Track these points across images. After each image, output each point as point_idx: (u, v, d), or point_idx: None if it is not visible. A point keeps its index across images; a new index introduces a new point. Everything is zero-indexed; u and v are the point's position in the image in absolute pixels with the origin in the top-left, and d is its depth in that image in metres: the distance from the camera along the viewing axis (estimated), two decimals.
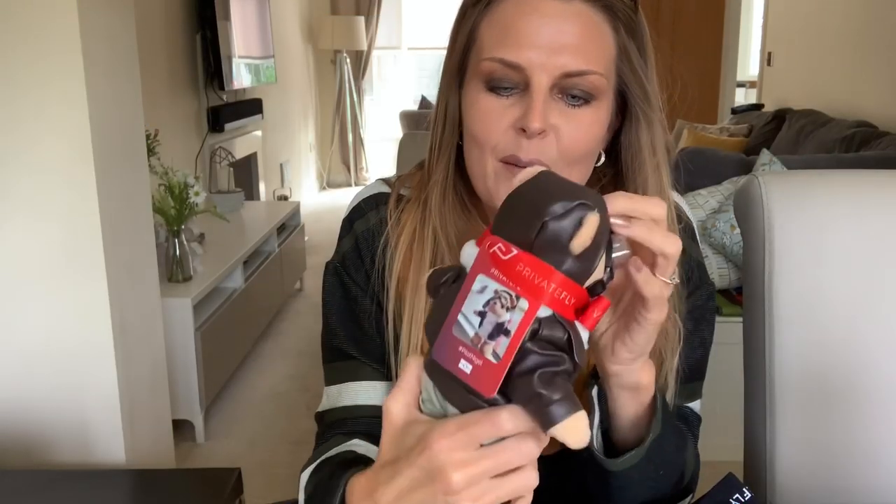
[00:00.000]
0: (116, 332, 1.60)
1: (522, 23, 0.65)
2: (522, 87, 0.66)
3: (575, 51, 0.65)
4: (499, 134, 0.68)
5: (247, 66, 4.08)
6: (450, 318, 0.48)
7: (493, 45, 0.66)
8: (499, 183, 0.69)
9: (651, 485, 0.68)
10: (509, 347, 0.45)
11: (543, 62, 0.64)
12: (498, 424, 0.46)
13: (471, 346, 0.46)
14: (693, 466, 0.74)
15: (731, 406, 1.13)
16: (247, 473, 1.42)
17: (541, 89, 0.65)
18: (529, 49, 0.65)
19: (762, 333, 0.92)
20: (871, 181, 0.94)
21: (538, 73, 0.65)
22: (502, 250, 0.46)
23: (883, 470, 0.91)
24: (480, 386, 0.46)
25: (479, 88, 0.68)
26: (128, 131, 1.68)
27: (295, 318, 3.55)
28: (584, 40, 0.65)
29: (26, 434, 1.61)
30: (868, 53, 3.86)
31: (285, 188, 5.09)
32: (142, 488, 1.43)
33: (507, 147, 0.68)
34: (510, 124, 0.67)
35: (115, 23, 1.60)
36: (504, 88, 0.67)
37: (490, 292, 0.46)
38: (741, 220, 0.94)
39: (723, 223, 2.34)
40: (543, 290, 0.45)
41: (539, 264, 0.45)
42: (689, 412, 0.79)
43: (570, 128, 0.67)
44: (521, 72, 0.65)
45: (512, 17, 0.66)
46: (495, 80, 0.67)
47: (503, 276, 0.46)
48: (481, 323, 0.46)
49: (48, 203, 1.51)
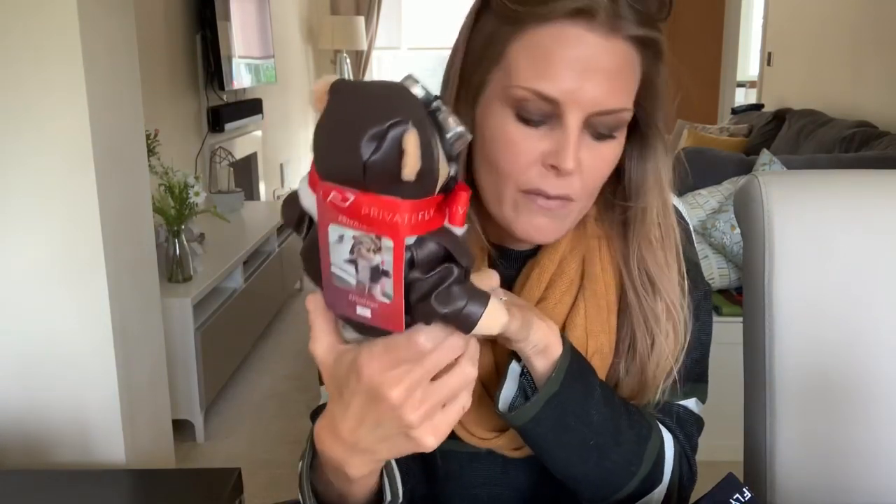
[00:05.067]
0: (116, 332, 1.60)
1: (561, 55, 0.62)
2: (553, 119, 0.64)
3: (610, 89, 0.63)
4: (525, 166, 0.66)
5: (247, 66, 4.08)
6: (325, 273, 0.47)
7: (528, 75, 0.63)
8: (519, 213, 0.68)
9: (579, 453, 0.69)
10: (395, 286, 0.45)
11: (579, 98, 0.62)
12: (418, 346, 0.47)
13: (359, 293, 0.46)
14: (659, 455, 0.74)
15: (731, 406, 1.13)
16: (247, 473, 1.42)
17: (575, 127, 0.63)
18: (567, 83, 0.62)
19: (762, 333, 0.92)
20: (871, 181, 0.94)
21: (573, 109, 0.63)
22: (339, 198, 0.44)
23: (883, 470, 0.91)
24: (388, 325, 0.46)
25: (506, 115, 0.65)
26: (128, 132, 1.68)
27: (295, 318, 3.55)
28: (618, 78, 0.64)
29: (26, 434, 1.61)
30: (868, 53, 3.86)
31: (285, 188, 5.09)
32: (142, 488, 1.43)
33: (532, 180, 0.66)
34: (538, 158, 0.65)
35: (114, 24, 1.60)
36: (535, 120, 0.64)
37: (349, 240, 0.45)
38: (741, 220, 0.94)
39: (723, 223, 2.34)
40: (398, 224, 0.43)
41: (382, 202, 0.43)
42: (681, 410, 0.79)
43: (594, 162, 0.66)
44: (555, 105, 0.63)
45: (550, 47, 0.62)
46: (527, 110, 0.64)
47: (354, 222, 0.44)
48: (357, 269, 0.45)
49: (48, 203, 1.51)
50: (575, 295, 0.74)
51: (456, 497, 0.80)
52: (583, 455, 0.69)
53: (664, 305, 0.73)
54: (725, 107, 5.47)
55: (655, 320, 0.73)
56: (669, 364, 0.73)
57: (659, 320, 0.73)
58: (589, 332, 0.74)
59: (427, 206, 0.44)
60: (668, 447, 0.75)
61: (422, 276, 0.45)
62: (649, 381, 0.74)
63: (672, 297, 0.74)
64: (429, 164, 0.42)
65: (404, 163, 0.41)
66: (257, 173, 4.62)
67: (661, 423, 0.77)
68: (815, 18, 4.52)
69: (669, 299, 0.73)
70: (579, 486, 0.72)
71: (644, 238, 0.73)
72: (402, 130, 0.41)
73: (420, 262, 0.45)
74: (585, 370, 0.69)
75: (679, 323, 0.74)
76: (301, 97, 5.89)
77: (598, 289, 0.74)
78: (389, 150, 0.41)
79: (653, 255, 0.73)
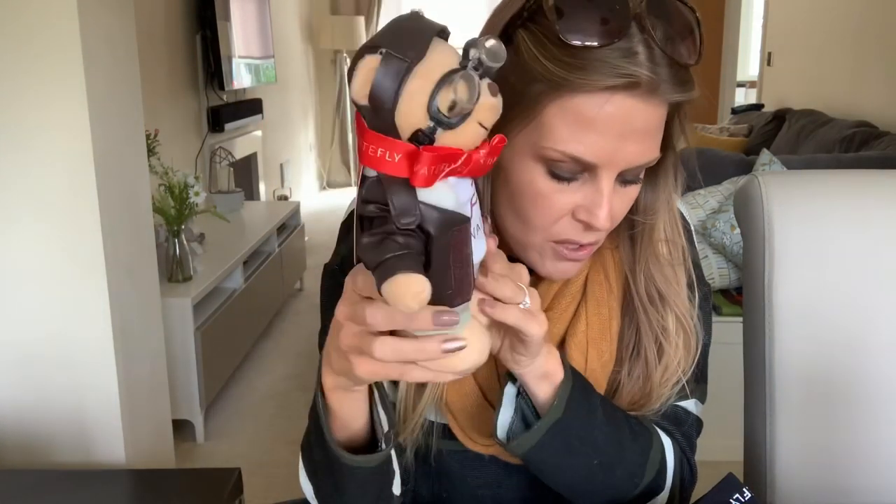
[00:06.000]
0: (116, 332, 1.60)
1: (602, 122, 0.59)
2: (585, 174, 0.63)
3: (645, 148, 0.63)
4: (555, 220, 0.65)
5: (247, 66, 4.08)
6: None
7: (565, 139, 0.60)
8: (545, 258, 0.68)
9: (584, 473, 0.69)
10: (355, 215, 0.47)
11: (615, 160, 0.61)
12: (354, 282, 0.52)
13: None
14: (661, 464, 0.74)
15: (731, 406, 1.13)
16: (247, 473, 1.42)
17: (609, 186, 0.62)
18: (604, 148, 0.60)
19: (762, 333, 0.92)
20: (871, 181, 0.94)
21: (608, 169, 0.62)
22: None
23: (883, 470, 0.91)
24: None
25: (536, 170, 0.63)
26: (128, 131, 1.68)
27: (295, 318, 3.55)
28: (653, 136, 0.63)
29: (26, 434, 1.61)
30: (868, 53, 3.86)
31: (285, 188, 5.09)
32: (142, 488, 1.43)
33: (562, 232, 0.65)
34: (570, 211, 0.64)
35: (114, 23, 1.60)
36: (566, 177, 0.63)
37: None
38: (741, 220, 0.94)
39: (723, 223, 2.34)
40: (363, 152, 0.45)
41: (363, 131, 0.45)
42: (680, 411, 0.79)
43: (621, 205, 0.66)
44: (590, 165, 0.62)
45: (589, 114, 0.59)
46: (560, 169, 0.62)
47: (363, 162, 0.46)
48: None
49: (48, 203, 1.51)
50: (577, 303, 0.75)
51: (459, 498, 0.81)
52: (587, 475, 0.69)
53: (674, 316, 0.73)
54: (725, 107, 5.48)
55: (663, 330, 0.73)
56: (677, 374, 0.74)
57: (667, 331, 0.73)
58: (590, 340, 0.74)
59: (385, 143, 0.44)
60: (669, 453, 0.76)
61: (365, 215, 0.46)
62: (654, 389, 0.74)
63: (682, 310, 0.74)
64: (379, 93, 0.43)
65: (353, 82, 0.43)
66: (257, 173, 4.62)
67: (660, 427, 0.77)
68: (815, 18, 4.52)
69: (679, 311, 0.74)
70: (583, 500, 0.73)
71: (652, 254, 0.74)
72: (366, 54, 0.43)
73: (367, 200, 0.46)
74: (588, 391, 0.69)
75: (691, 334, 0.74)
76: (301, 97, 5.89)
77: (600, 296, 0.75)
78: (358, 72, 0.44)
79: (660, 270, 0.74)
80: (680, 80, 0.61)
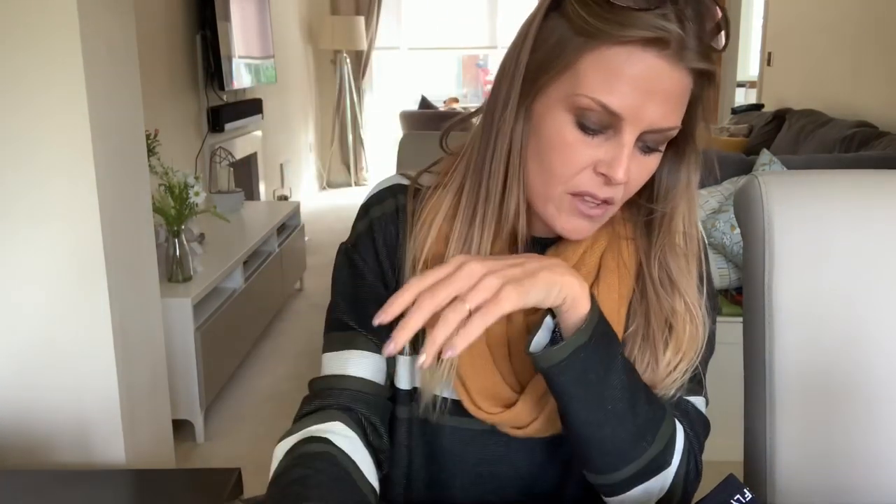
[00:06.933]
0: (116, 332, 1.60)
1: (631, 75, 0.66)
2: (609, 130, 0.69)
3: (667, 111, 0.68)
4: (577, 171, 0.70)
5: (247, 66, 4.08)
6: None
7: (597, 87, 0.67)
8: (561, 212, 0.73)
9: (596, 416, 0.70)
10: None
11: (639, 116, 0.67)
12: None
13: None
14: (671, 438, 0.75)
15: (731, 406, 1.13)
16: (247, 473, 1.42)
17: (630, 142, 0.68)
18: (631, 101, 0.66)
19: (762, 333, 0.92)
20: (871, 181, 0.94)
21: (631, 124, 0.67)
22: None
23: (883, 470, 0.91)
24: None
25: (566, 120, 0.69)
26: (128, 131, 1.68)
27: (295, 318, 3.55)
28: (676, 101, 0.68)
29: (26, 434, 1.61)
30: (868, 53, 3.86)
31: (285, 188, 5.09)
32: (142, 488, 1.43)
33: (581, 184, 0.71)
34: (591, 165, 0.70)
35: (114, 23, 1.60)
36: (592, 129, 0.69)
37: None
38: (741, 220, 0.94)
39: (723, 223, 2.34)
40: None
41: None
42: (691, 408, 0.80)
43: (638, 172, 0.71)
44: (615, 119, 0.67)
45: (622, 66, 0.66)
46: (588, 119, 0.68)
47: None
48: None
49: (48, 203, 1.51)
50: (590, 285, 0.76)
51: (458, 475, 0.83)
52: (600, 418, 0.70)
53: (683, 303, 0.76)
54: (725, 107, 5.47)
55: (673, 314, 0.76)
56: (685, 361, 0.76)
57: (677, 314, 0.76)
58: None
59: None
60: (679, 434, 0.77)
61: None
62: (661, 373, 0.76)
63: (691, 297, 0.77)
64: None
65: None
66: (257, 173, 4.62)
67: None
68: (816, 18, 4.52)
69: (688, 298, 0.77)
70: (592, 451, 0.73)
71: (669, 243, 0.77)
72: None
73: None
74: (610, 336, 0.71)
75: (699, 322, 0.77)
76: (301, 97, 5.89)
77: (611, 281, 0.78)
78: None
79: (675, 259, 0.77)
80: (704, 54, 0.67)
